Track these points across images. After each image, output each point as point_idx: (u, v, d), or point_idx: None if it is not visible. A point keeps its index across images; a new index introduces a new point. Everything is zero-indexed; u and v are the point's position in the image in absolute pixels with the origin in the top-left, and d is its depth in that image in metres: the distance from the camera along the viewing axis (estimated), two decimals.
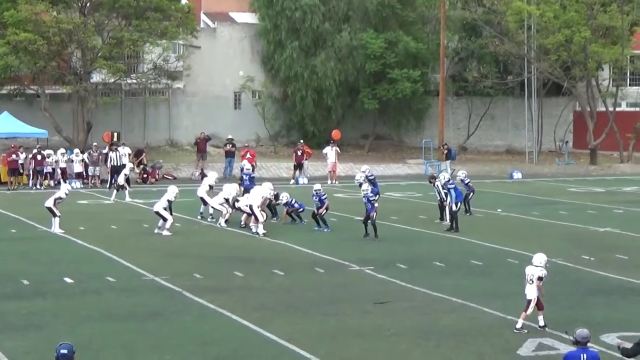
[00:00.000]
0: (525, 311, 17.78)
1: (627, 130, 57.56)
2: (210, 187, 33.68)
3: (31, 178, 45.00)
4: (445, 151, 52.58)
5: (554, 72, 58.15)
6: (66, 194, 31.17)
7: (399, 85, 57.61)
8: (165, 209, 30.04)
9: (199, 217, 33.07)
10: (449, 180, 31.89)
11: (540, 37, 56.29)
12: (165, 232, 29.58)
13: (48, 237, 29.75)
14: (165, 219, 29.74)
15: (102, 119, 53.26)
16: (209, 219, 32.69)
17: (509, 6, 56.08)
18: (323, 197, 31.17)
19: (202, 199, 33.04)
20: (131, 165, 42.87)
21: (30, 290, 21.59)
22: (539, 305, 17.86)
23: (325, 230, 30.56)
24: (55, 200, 30.59)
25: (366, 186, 30.76)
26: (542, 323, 17.85)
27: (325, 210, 31.04)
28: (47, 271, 23.79)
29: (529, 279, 17.86)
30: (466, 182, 33.77)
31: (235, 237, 29.64)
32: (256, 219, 29.65)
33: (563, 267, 24.47)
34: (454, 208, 30.99)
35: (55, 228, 30.14)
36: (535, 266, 17.92)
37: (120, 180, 39.42)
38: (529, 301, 17.77)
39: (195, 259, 25.63)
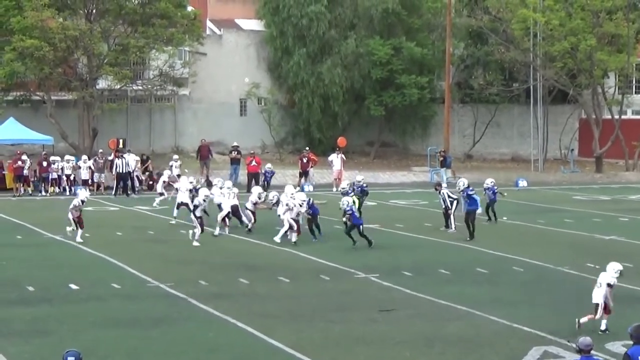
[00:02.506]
0: (594, 315, 18.18)
1: (633, 139, 57.50)
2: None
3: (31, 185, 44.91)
4: (441, 158, 52.52)
5: (560, 80, 58.14)
6: (83, 201, 29.91)
7: (406, 91, 57.68)
8: (199, 217, 29.28)
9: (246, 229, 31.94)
10: (468, 187, 31.15)
11: (545, 45, 56.26)
12: (195, 243, 28.79)
13: (53, 243, 29.76)
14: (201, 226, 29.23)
15: (107, 125, 53.32)
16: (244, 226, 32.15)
17: (515, 14, 56.10)
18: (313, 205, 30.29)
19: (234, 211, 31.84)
20: (169, 172, 41.83)
21: (35, 296, 21.60)
22: (606, 310, 18.22)
23: (314, 240, 29.88)
24: (74, 206, 29.42)
25: (348, 199, 29.34)
26: (603, 327, 18.15)
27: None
28: (52, 277, 23.80)
29: (598, 284, 18.33)
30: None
31: (239, 244, 29.62)
32: (291, 227, 29.26)
33: (568, 275, 24.43)
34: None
35: (77, 237, 29.25)
36: (608, 273, 18.43)
37: (159, 188, 38.86)
38: (596, 305, 18.20)
39: (200, 265, 25.62)
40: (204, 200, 29.85)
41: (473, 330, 18.55)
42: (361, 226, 28.35)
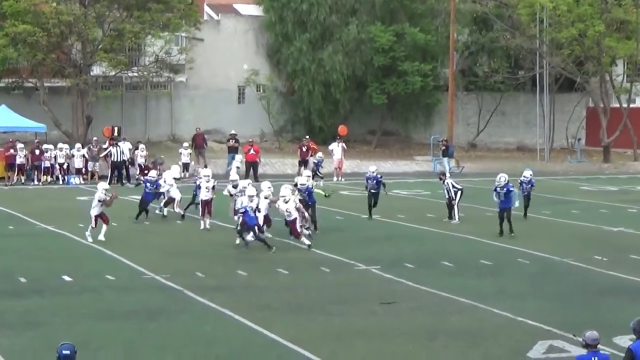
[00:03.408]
0: None
1: None
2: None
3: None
4: (443, 147, 52.47)
5: (567, 67, 58.11)
6: (105, 194, 27.94)
7: (409, 79, 57.66)
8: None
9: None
10: (508, 182, 29.41)
11: (552, 31, 56.22)
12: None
13: (46, 233, 29.77)
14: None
15: (102, 113, 53.32)
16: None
17: None
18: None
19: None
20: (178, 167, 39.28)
21: (27, 287, 21.61)
22: None
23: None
24: (100, 202, 27.78)
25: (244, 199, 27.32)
26: None
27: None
28: (45, 268, 23.81)
29: None
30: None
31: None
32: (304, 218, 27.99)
33: (574, 268, 24.45)
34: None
35: (101, 235, 27.56)
36: None
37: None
38: None
39: (196, 257, 25.63)
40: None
41: (476, 323, 18.57)
42: (256, 227, 26.37)
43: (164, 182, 32.71)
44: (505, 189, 29.30)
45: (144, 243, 27.87)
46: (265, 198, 27.99)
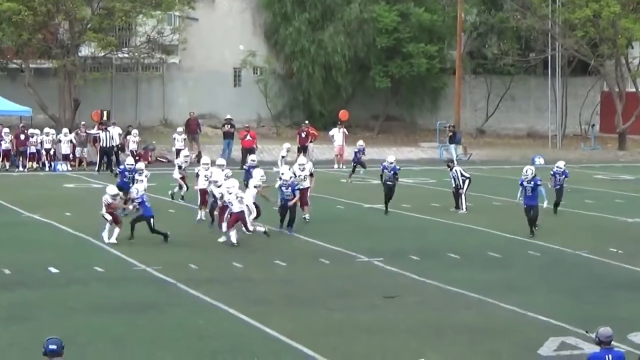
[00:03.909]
0: None
1: None
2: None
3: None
4: (450, 133, 52.48)
5: (580, 50, 58.06)
6: (115, 196, 26.76)
7: (414, 61, 57.61)
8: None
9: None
10: (536, 176, 27.92)
11: (566, 11, 56.19)
12: (258, 228, 26.93)
13: (32, 223, 29.78)
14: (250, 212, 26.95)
15: (90, 96, 53.23)
16: None
17: None
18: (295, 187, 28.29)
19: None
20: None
21: (12, 279, 21.62)
22: None
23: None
24: (108, 204, 26.58)
25: (139, 186, 27.44)
26: None
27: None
28: (31, 260, 23.82)
29: None
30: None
31: None
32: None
33: (588, 260, 24.48)
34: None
35: (112, 238, 26.26)
36: None
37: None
38: None
39: (190, 248, 25.66)
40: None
41: (484, 318, 18.60)
42: (152, 219, 26.00)
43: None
44: (532, 183, 27.70)
45: (135, 233, 27.83)
46: (255, 187, 27.72)
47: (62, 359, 11.67)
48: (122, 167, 33.67)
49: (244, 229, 26.11)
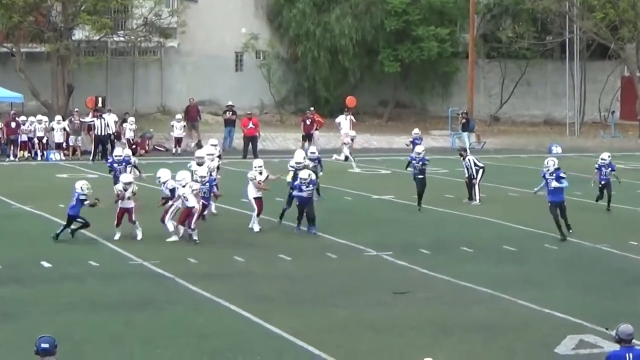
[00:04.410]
0: None
1: None
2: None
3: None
4: (463, 121, 52.47)
5: (600, 32, 57.98)
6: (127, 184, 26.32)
7: (424, 45, 57.55)
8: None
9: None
10: (559, 168, 26.92)
11: None
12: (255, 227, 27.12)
13: (23, 215, 29.82)
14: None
15: (85, 81, 53.26)
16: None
17: None
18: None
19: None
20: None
21: (3, 275, 21.64)
22: None
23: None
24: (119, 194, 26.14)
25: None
26: None
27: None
28: (23, 254, 23.86)
29: None
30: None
31: (235, 217, 29.61)
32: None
33: (608, 254, 24.48)
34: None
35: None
36: None
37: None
38: None
39: (188, 241, 25.64)
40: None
41: (498, 315, 18.61)
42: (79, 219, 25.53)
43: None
44: (554, 175, 26.62)
45: (131, 226, 27.84)
46: (250, 180, 27.33)
47: (55, 358, 11.69)
48: (109, 159, 33.37)
49: (186, 226, 25.62)
